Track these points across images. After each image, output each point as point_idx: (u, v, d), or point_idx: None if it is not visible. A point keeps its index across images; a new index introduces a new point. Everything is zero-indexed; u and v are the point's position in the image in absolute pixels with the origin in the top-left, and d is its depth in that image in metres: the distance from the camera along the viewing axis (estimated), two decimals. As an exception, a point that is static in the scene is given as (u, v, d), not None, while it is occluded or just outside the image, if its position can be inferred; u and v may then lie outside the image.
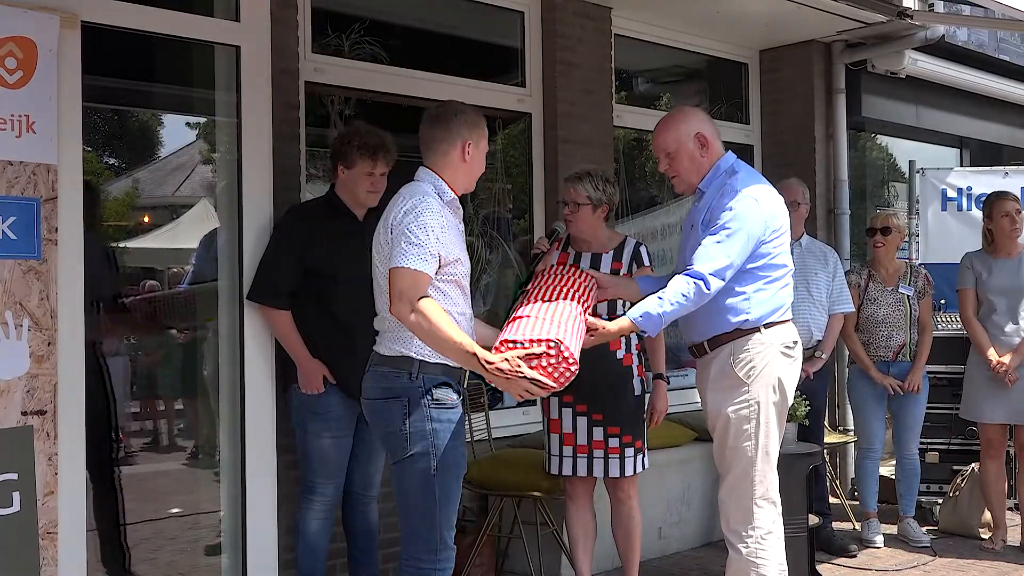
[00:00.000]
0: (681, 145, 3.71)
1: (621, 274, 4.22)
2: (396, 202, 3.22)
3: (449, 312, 3.15)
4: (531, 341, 3.09)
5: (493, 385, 3.19)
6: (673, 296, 3.47)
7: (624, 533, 4.39)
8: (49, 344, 3.65)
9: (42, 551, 3.59)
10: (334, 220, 4.10)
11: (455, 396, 3.23)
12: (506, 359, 3.05)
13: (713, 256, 3.51)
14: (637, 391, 4.28)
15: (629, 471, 4.24)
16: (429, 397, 3.15)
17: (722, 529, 3.74)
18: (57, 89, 3.68)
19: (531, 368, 3.05)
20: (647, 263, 4.31)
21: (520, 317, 3.26)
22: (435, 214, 3.15)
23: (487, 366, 3.05)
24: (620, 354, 4.25)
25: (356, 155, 4.09)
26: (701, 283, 3.48)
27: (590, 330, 3.43)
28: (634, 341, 4.28)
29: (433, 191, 3.24)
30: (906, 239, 6.38)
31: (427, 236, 3.10)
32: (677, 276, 3.55)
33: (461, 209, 3.36)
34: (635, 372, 4.28)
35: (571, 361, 3.09)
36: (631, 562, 4.41)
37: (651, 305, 3.47)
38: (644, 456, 4.31)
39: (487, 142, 3.41)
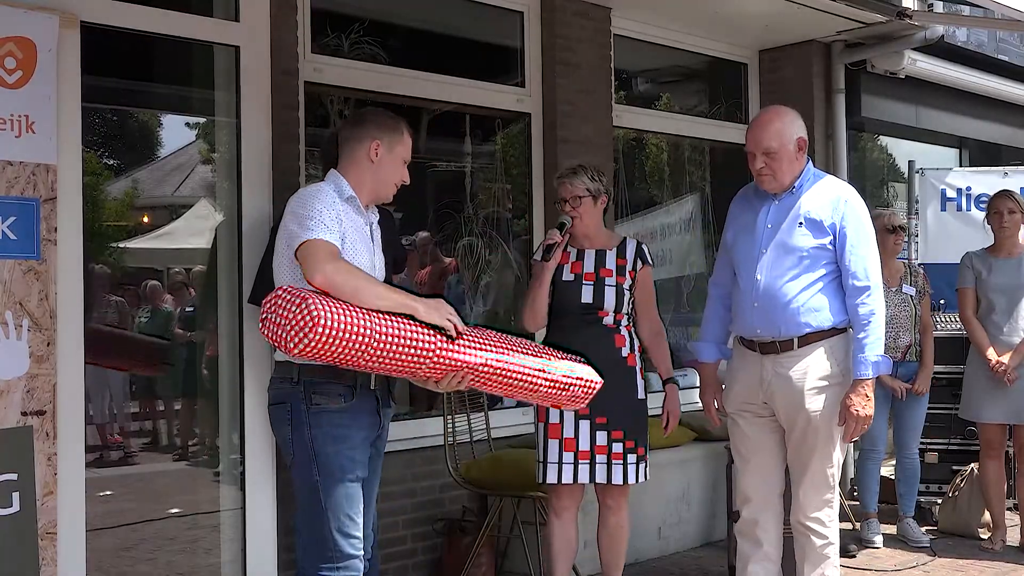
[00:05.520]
0: (783, 146, 3.78)
1: (627, 271, 4.11)
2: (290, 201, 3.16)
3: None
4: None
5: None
6: (869, 328, 3.66)
7: (609, 544, 4.21)
8: (48, 344, 3.65)
9: (42, 551, 3.59)
10: None
11: (341, 400, 3.10)
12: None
13: (873, 261, 3.74)
14: (640, 394, 4.10)
15: (631, 479, 4.05)
16: (308, 402, 3.07)
17: (794, 522, 3.86)
18: (56, 89, 3.68)
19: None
20: (649, 261, 4.21)
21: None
22: (327, 199, 3.06)
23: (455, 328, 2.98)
24: (625, 352, 4.10)
25: None
26: (874, 294, 3.69)
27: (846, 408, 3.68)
28: (636, 342, 4.16)
29: (331, 188, 3.14)
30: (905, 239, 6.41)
31: (320, 212, 3.00)
32: (853, 310, 3.71)
33: (374, 213, 3.25)
34: (638, 373, 4.13)
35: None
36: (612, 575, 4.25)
37: (866, 353, 3.64)
38: (647, 467, 4.10)
39: (405, 150, 3.26)
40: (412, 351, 2.93)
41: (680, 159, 7.07)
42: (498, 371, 3.11)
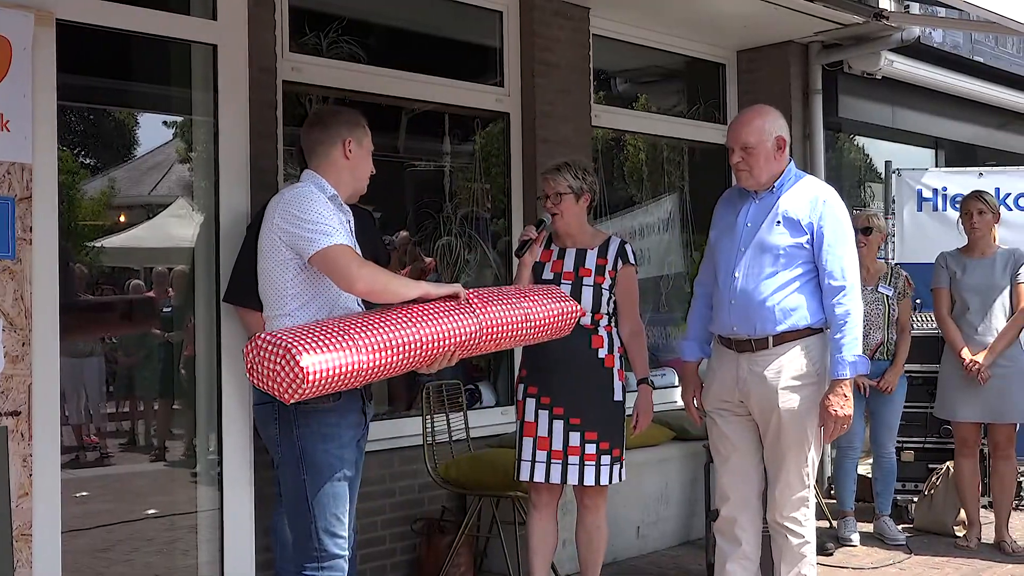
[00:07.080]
0: (761, 143, 3.79)
1: (607, 271, 4.12)
2: (274, 202, 3.17)
3: (346, 307, 3.13)
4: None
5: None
6: (846, 328, 3.65)
7: (587, 542, 4.23)
8: (23, 344, 3.62)
9: (16, 553, 3.56)
10: None
11: (329, 399, 3.06)
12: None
13: (850, 261, 3.74)
14: (618, 396, 4.11)
15: (604, 480, 4.06)
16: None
17: (771, 521, 3.88)
18: (32, 87, 3.65)
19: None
20: (632, 260, 4.21)
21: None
22: (321, 201, 3.11)
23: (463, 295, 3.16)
24: (602, 353, 4.09)
25: None
26: (851, 294, 3.68)
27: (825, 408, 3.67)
28: (616, 343, 4.16)
29: (316, 188, 3.18)
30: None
31: (324, 215, 3.06)
32: (830, 309, 3.69)
33: (349, 210, 3.28)
34: (616, 375, 4.12)
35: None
36: (590, 573, 4.27)
37: (844, 354, 3.63)
38: (622, 468, 4.12)
39: (369, 141, 3.35)
40: (402, 357, 2.94)
41: (659, 159, 7.09)
42: (485, 334, 3.19)
